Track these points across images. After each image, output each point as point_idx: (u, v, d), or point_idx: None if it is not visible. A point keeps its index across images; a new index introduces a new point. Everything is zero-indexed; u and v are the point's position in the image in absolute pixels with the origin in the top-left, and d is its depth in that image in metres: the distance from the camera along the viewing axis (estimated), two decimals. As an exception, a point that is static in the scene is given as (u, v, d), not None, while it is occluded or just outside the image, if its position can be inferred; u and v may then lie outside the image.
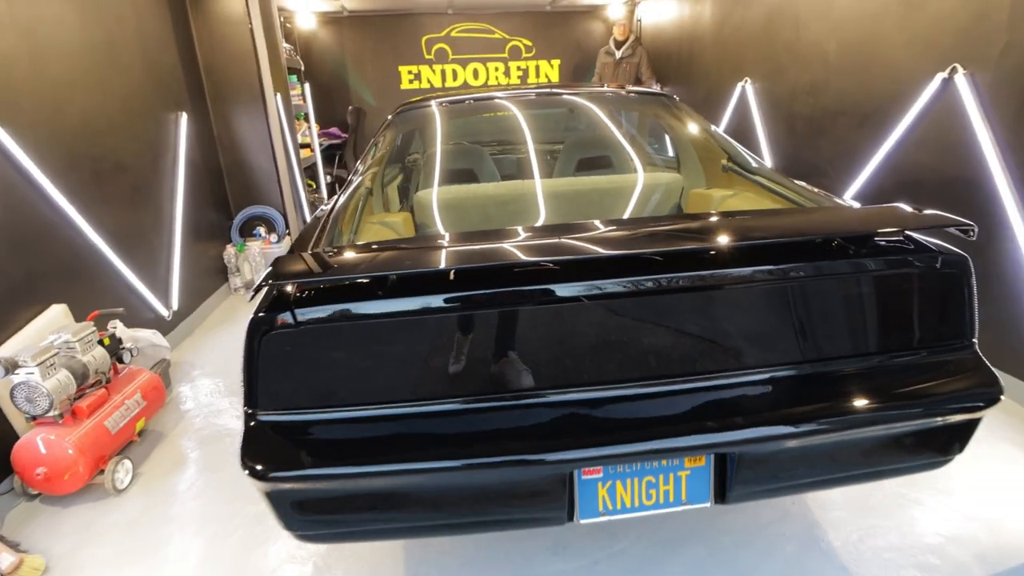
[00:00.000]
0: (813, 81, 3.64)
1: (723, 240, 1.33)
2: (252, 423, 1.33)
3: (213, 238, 4.20)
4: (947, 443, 1.47)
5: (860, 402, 1.35)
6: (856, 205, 1.86)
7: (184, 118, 3.75)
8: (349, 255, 1.39)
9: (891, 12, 3.02)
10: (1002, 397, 1.39)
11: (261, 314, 1.29)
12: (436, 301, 1.29)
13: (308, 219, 4.97)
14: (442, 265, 1.27)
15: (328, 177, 6.01)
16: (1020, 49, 2.39)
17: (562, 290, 1.30)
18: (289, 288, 1.33)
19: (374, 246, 1.47)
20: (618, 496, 1.39)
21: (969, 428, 1.46)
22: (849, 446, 1.42)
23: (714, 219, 1.60)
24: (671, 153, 2.95)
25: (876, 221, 1.46)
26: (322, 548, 1.90)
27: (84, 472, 2.11)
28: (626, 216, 2.21)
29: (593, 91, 3.01)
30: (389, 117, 2.82)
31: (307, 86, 5.47)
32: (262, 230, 4.45)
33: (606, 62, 5.83)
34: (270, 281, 1.25)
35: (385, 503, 1.33)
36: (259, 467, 1.28)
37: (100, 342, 2.32)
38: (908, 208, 1.46)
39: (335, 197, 2.48)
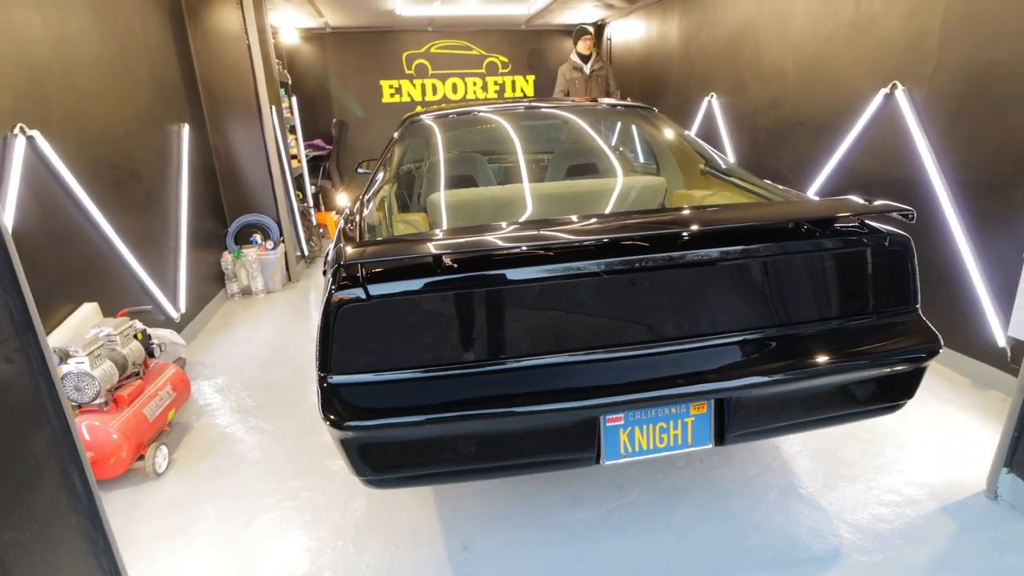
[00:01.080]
0: (774, 96, 4.04)
1: (717, 226, 1.63)
2: (325, 384, 1.54)
3: (211, 245, 4.32)
4: (900, 390, 1.80)
5: (827, 356, 1.65)
6: (816, 198, 2.20)
7: (186, 129, 3.89)
8: (412, 241, 1.63)
9: (841, 35, 3.43)
10: (941, 350, 1.72)
11: (337, 291, 1.51)
12: (484, 278, 1.54)
13: (301, 227, 5.12)
14: (504, 243, 1.53)
15: (313, 187, 6.16)
16: (947, 69, 2.80)
17: (589, 266, 1.57)
18: (358, 270, 1.55)
19: (424, 234, 1.72)
20: (636, 440, 1.65)
21: (916, 376, 1.78)
22: (820, 393, 1.72)
23: (708, 211, 1.91)
24: (653, 159, 3.28)
25: (835, 208, 1.78)
26: (359, 513, 2.09)
27: (127, 457, 2.25)
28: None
29: (581, 105, 3.32)
30: (397, 131, 3.04)
31: (294, 99, 5.64)
32: (259, 237, 4.59)
33: (574, 77, 5.75)
34: (355, 261, 1.48)
35: (441, 449, 1.56)
36: (334, 417, 1.49)
37: (134, 336, 2.47)
38: (860, 199, 1.79)
39: (358, 198, 2.70)
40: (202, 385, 3.12)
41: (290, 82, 5.65)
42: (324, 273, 2.30)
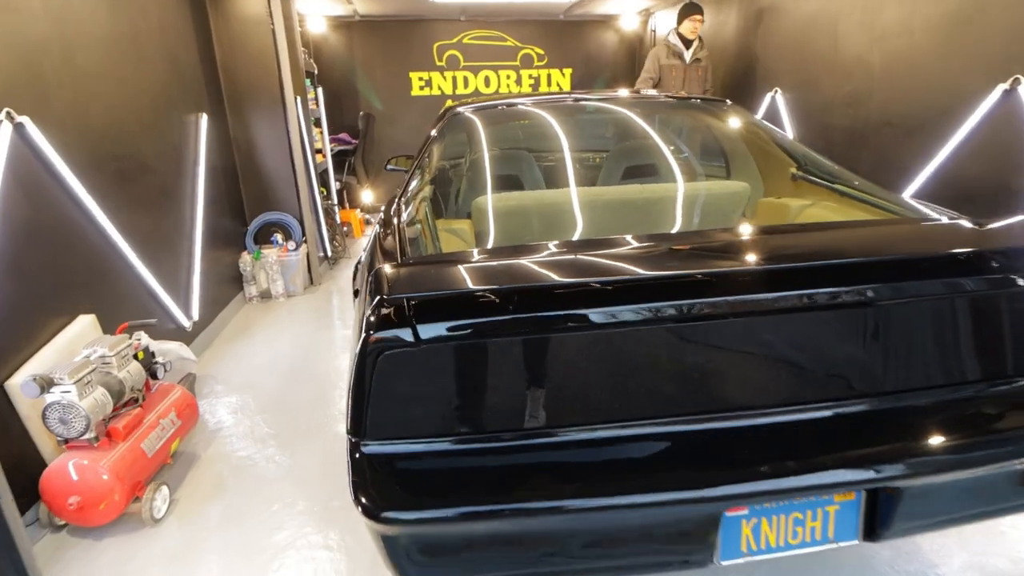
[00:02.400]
0: (854, 92, 3.59)
1: (887, 255, 1.24)
2: (357, 455, 1.18)
3: (228, 245, 4.00)
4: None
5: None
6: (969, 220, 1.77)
7: (204, 119, 3.58)
8: (484, 265, 1.26)
9: (944, 25, 2.97)
10: None
11: (376, 330, 1.14)
12: (581, 318, 1.16)
13: (324, 226, 4.79)
14: (629, 272, 1.15)
15: (338, 184, 5.84)
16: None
17: (710, 305, 1.18)
18: (405, 303, 1.18)
19: (493, 253, 1.35)
20: (763, 534, 1.26)
21: None
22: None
23: (863, 230, 1.51)
24: (724, 161, 2.87)
25: None
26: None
27: (120, 500, 1.91)
28: (687, 227, 2.15)
29: (642, 97, 2.92)
30: (437, 124, 2.67)
31: (320, 90, 5.31)
32: (279, 237, 4.27)
33: (670, 64, 4.62)
34: (403, 296, 1.12)
35: (511, 547, 1.18)
36: (369, 503, 1.13)
37: (134, 356, 2.14)
38: None
39: (394, 199, 2.35)
40: (213, 405, 2.79)
41: (316, 72, 5.33)
42: (355, 294, 1.94)
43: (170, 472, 2.27)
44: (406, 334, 1.14)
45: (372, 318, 1.15)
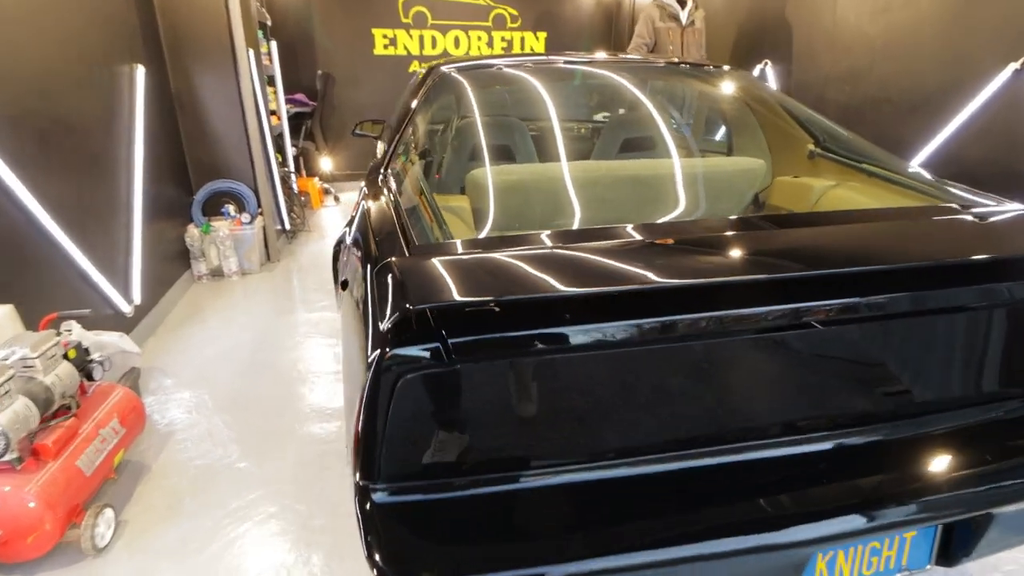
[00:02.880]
0: (853, 67, 3.45)
1: (963, 257, 1.07)
2: (368, 505, 0.92)
3: (172, 217, 3.56)
4: None
5: None
6: None
7: (141, 72, 3.10)
8: (514, 253, 1.01)
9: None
10: None
11: (396, 350, 0.88)
12: (644, 324, 0.93)
13: (282, 196, 4.37)
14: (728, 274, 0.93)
15: (294, 149, 5.36)
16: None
17: (806, 312, 0.97)
18: (433, 312, 0.91)
19: (526, 240, 1.10)
20: (838, 567, 1.09)
21: None
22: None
23: (914, 223, 1.33)
24: (734, 135, 2.68)
25: None
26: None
27: (53, 529, 1.59)
28: (699, 206, 1.96)
29: (647, 63, 2.68)
30: (421, 85, 2.35)
31: (274, 44, 4.80)
32: (231, 208, 3.84)
33: (666, 27, 4.12)
34: (422, 302, 0.86)
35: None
36: (387, 566, 0.88)
37: (64, 355, 1.78)
38: None
39: (379, 167, 2.04)
40: (163, 403, 2.45)
41: (270, 23, 4.80)
42: (343, 285, 1.64)
43: (115, 489, 1.95)
44: (436, 352, 0.88)
45: (391, 332, 0.88)
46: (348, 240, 1.78)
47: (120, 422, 1.92)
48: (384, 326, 0.88)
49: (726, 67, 2.58)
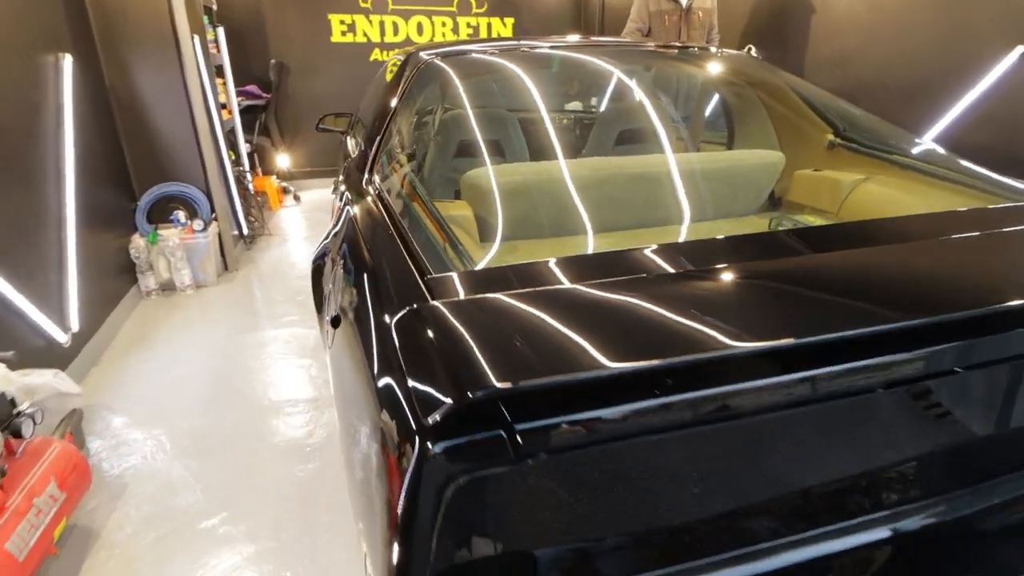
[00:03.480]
0: (843, 50, 3.33)
1: None
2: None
3: (113, 227, 3.16)
4: None
5: None
6: None
7: (68, 63, 2.69)
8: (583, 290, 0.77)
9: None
10: None
11: (436, 442, 0.63)
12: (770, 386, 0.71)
13: (238, 198, 3.98)
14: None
15: (248, 146, 4.94)
16: None
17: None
18: (495, 397, 0.66)
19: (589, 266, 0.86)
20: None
21: None
22: None
23: None
24: (736, 124, 2.51)
25: None
26: None
27: (-25, 639, 1.28)
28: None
29: (659, 49, 2.46)
30: (403, 75, 2.07)
31: (221, 31, 4.37)
32: (181, 214, 3.45)
33: (662, 10, 3.69)
34: (480, 386, 0.61)
35: None
36: None
37: (-18, 413, 1.45)
38: None
39: (362, 173, 1.76)
40: (113, 449, 2.11)
41: (215, 7, 4.36)
42: (335, 322, 1.35)
43: (57, 568, 1.62)
44: (497, 444, 0.64)
45: (440, 424, 0.63)
46: (333, 261, 1.50)
47: (59, 486, 1.59)
48: (432, 418, 0.63)
49: (730, 51, 2.40)
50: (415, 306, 0.80)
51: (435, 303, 0.81)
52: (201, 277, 3.52)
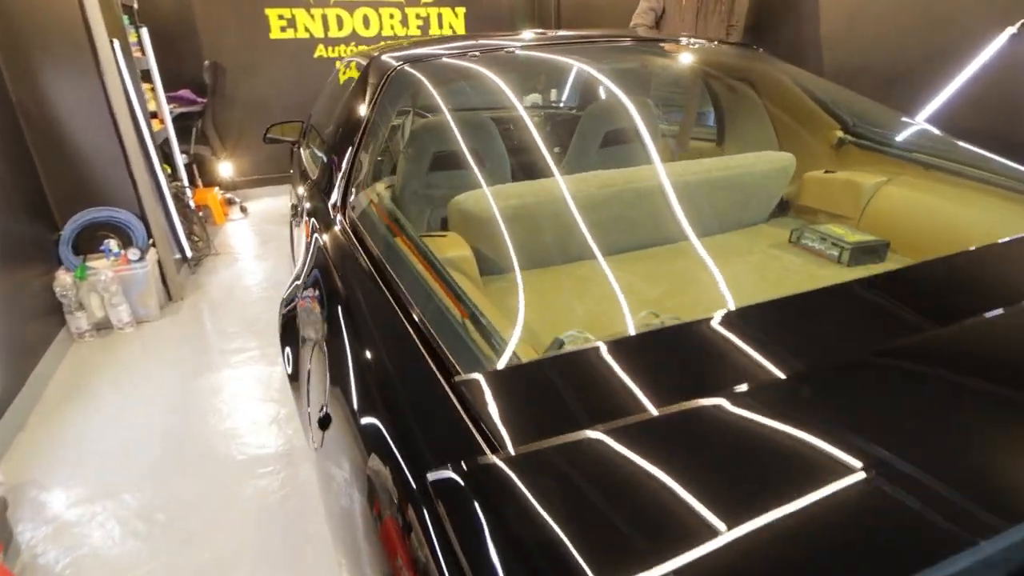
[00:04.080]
0: (828, 33, 3.21)
1: None
2: None
3: (31, 263, 2.75)
4: None
5: None
6: None
7: (-42, 75, 2.28)
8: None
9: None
10: None
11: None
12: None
13: (177, 218, 3.59)
14: None
15: (185, 157, 4.49)
16: None
17: None
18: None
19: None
20: None
21: None
22: None
23: None
24: (727, 123, 2.35)
25: None
26: None
27: None
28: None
29: (659, 44, 2.25)
30: (375, 87, 1.79)
31: (145, 32, 3.91)
32: (112, 243, 3.05)
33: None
34: None
35: None
36: None
37: None
38: None
39: (328, 196, 1.50)
40: (48, 539, 1.77)
41: (136, 5, 3.90)
42: (325, 425, 1.07)
43: None
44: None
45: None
46: (309, 321, 1.23)
47: (-24, 616, 1.28)
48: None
49: (725, 43, 2.23)
50: (464, 466, 0.55)
51: (495, 461, 0.56)
52: (141, 312, 3.14)
